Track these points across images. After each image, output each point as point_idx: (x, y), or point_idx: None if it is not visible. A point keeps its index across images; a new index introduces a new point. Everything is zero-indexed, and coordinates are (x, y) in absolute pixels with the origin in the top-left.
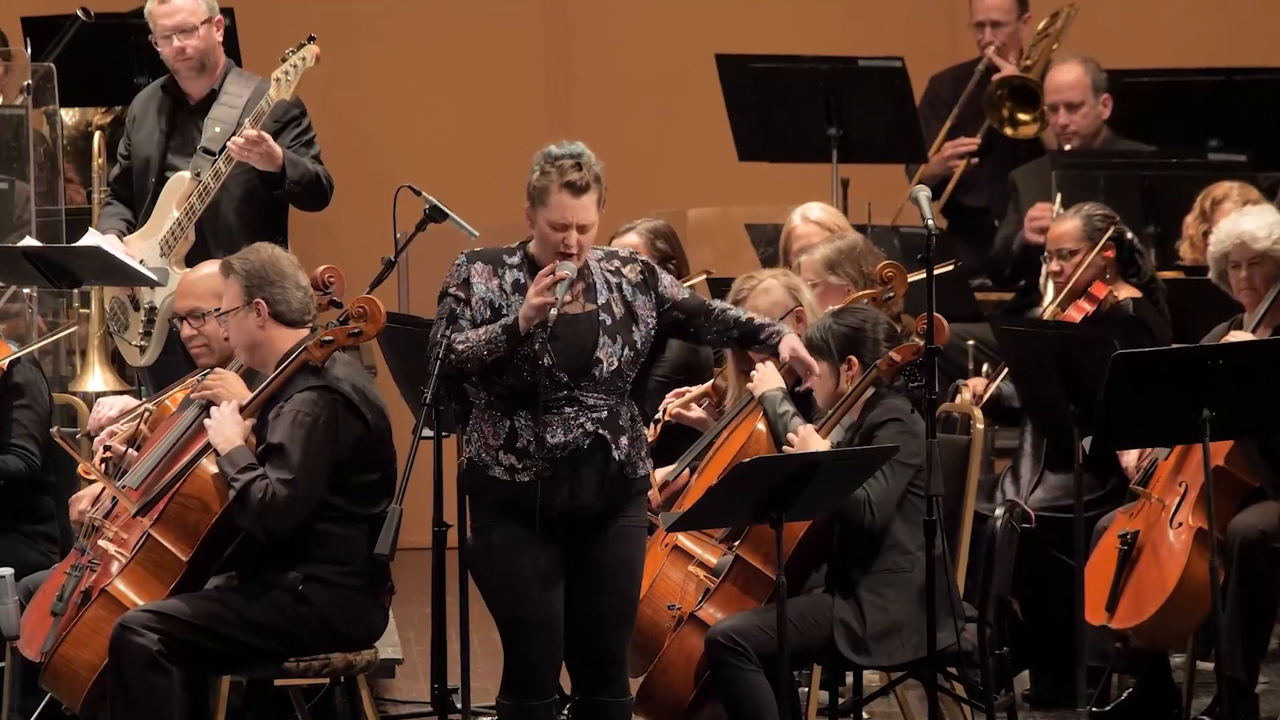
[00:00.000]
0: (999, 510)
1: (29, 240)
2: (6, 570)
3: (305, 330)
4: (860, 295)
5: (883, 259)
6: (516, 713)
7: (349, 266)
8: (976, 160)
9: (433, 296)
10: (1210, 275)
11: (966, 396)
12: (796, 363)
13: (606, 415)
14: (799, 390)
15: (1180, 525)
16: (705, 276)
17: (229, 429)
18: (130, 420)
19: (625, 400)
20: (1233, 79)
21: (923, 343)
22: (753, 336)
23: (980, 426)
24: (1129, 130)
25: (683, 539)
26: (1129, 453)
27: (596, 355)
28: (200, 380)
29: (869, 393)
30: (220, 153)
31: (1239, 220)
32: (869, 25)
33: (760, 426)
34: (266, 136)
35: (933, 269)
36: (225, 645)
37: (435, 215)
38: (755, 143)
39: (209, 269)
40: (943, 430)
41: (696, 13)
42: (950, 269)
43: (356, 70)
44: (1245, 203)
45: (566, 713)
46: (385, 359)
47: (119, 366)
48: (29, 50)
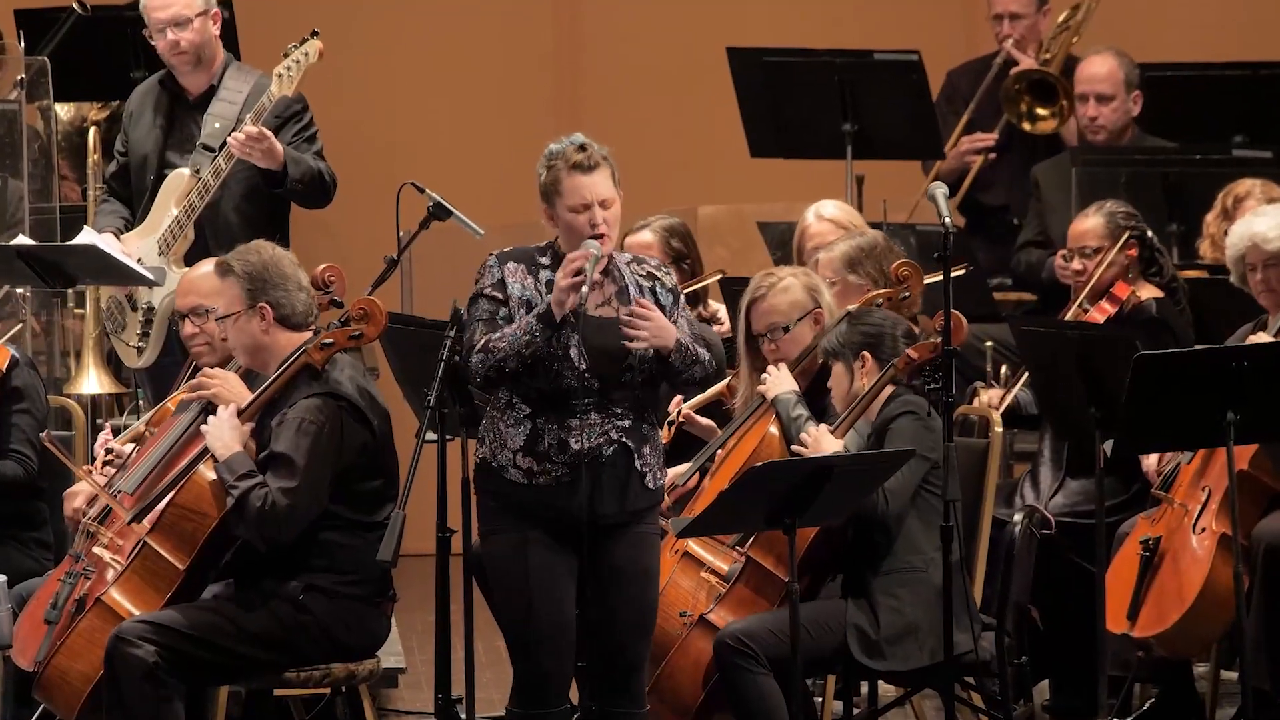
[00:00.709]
0: (1018, 516)
1: (22, 239)
2: None
3: (308, 333)
4: (876, 295)
5: (902, 258)
6: None
7: (350, 265)
8: (994, 156)
9: (437, 296)
10: (1232, 279)
11: (984, 399)
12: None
13: (631, 424)
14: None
15: (1203, 531)
16: (720, 276)
17: (227, 434)
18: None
19: (647, 408)
20: (1258, 73)
21: (939, 340)
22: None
23: (999, 430)
24: (1150, 126)
25: (693, 545)
26: (1150, 456)
27: (628, 361)
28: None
29: (886, 392)
30: (220, 149)
31: (1252, 222)
32: (884, 17)
33: (773, 430)
34: (268, 133)
35: (950, 268)
36: (224, 656)
37: (439, 213)
38: (768, 138)
39: (211, 266)
40: (960, 433)
41: (707, 5)
42: (962, 272)
43: (359, 64)
44: (1269, 200)
45: None
46: (387, 360)
47: (115, 368)
48: (22, 44)
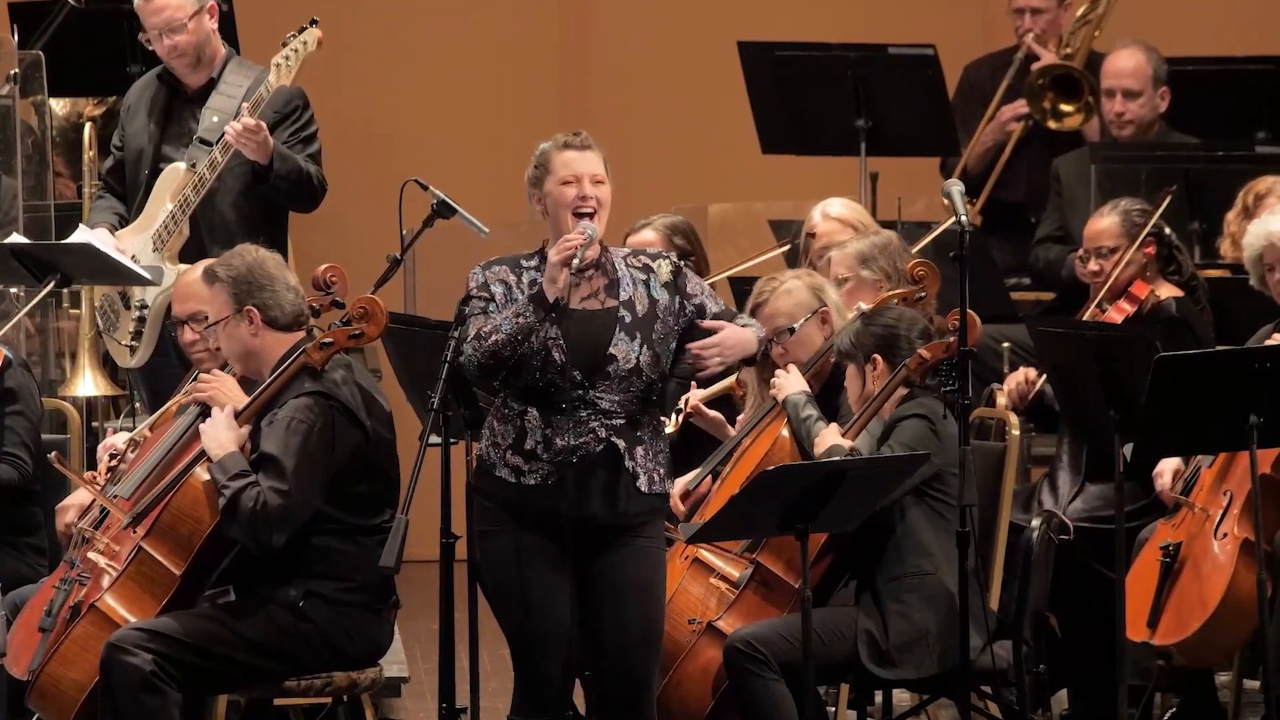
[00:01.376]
0: (1035, 521)
1: (16, 237)
2: None
3: (300, 333)
4: (892, 294)
5: (914, 258)
6: None
7: (352, 265)
8: (1031, 123)
9: (441, 296)
10: (1251, 281)
11: (1002, 402)
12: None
13: (623, 423)
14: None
15: (1225, 536)
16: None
17: (223, 434)
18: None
19: (648, 410)
20: None
21: (953, 340)
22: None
23: (1016, 433)
24: (1172, 121)
25: (703, 551)
26: (1164, 471)
27: (610, 351)
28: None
29: (900, 393)
30: (218, 142)
31: (1268, 221)
32: (899, 11)
33: (784, 433)
34: (264, 126)
35: (966, 268)
36: (222, 664)
37: (443, 211)
38: (779, 135)
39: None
40: (976, 436)
41: None
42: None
43: (361, 57)
44: None
45: None
46: (390, 361)
47: (111, 370)
48: (15, 37)
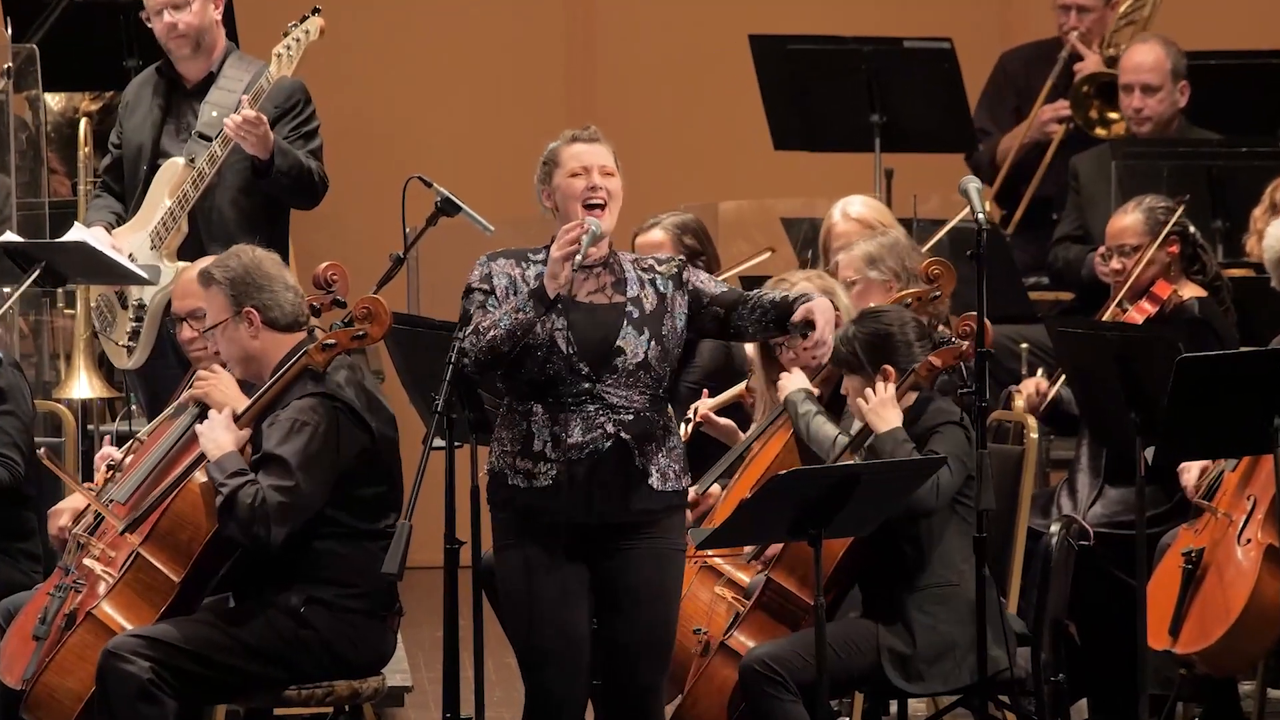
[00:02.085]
0: (1055, 526)
1: (10, 235)
2: None
3: (301, 334)
4: (905, 294)
5: (925, 258)
6: None
7: (355, 264)
8: (1071, 126)
9: (445, 295)
10: (1273, 283)
11: (1020, 404)
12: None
13: (632, 419)
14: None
15: (1249, 542)
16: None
17: (221, 435)
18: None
19: (659, 408)
20: None
21: (966, 345)
22: (787, 311)
23: (1034, 436)
24: (1194, 116)
25: (713, 556)
26: (1189, 472)
27: (618, 344)
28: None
29: (909, 397)
30: (217, 136)
31: None
32: (914, 4)
33: (793, 437)
34: (265, 119)
35: (984, 267)
36: (221, 672)
37: (447, 209)
38: (792, 131)
39: None
40: (994, 440)
41: None
42: None
43: (364, 52)
44: None
45: None
46: (393, 363)
47: (107, 371)
48: (10, 30)
